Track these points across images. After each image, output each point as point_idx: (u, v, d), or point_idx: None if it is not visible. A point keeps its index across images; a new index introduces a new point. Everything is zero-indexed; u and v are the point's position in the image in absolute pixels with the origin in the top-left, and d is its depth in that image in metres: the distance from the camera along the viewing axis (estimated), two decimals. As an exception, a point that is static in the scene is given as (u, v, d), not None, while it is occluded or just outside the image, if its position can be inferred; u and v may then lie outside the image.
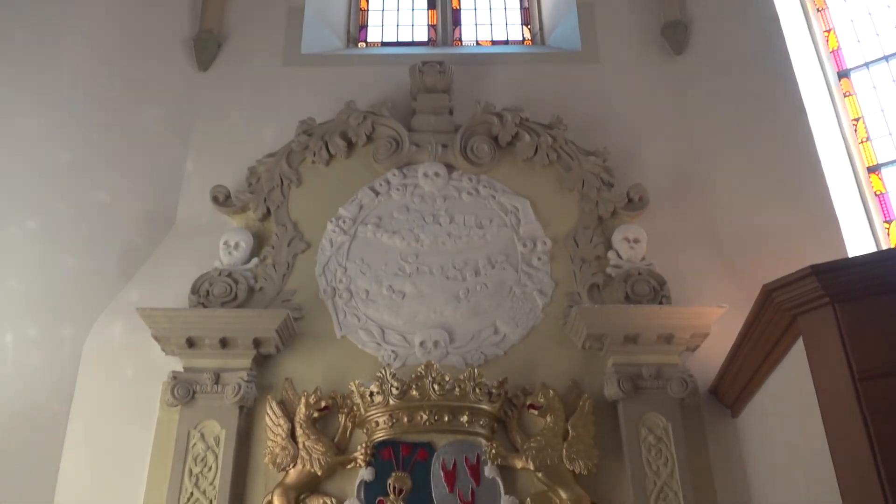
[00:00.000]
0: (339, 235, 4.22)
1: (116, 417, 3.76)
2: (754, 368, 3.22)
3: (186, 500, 3.47)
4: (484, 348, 3.92)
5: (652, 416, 3.66)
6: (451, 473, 3.58)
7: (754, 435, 3.53)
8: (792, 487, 3.03)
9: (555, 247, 4.20)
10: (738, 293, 3.89)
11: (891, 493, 2.28)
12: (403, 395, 3.57)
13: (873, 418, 2.35)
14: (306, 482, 3.52)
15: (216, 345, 3.72)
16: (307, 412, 3.64)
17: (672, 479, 3.53)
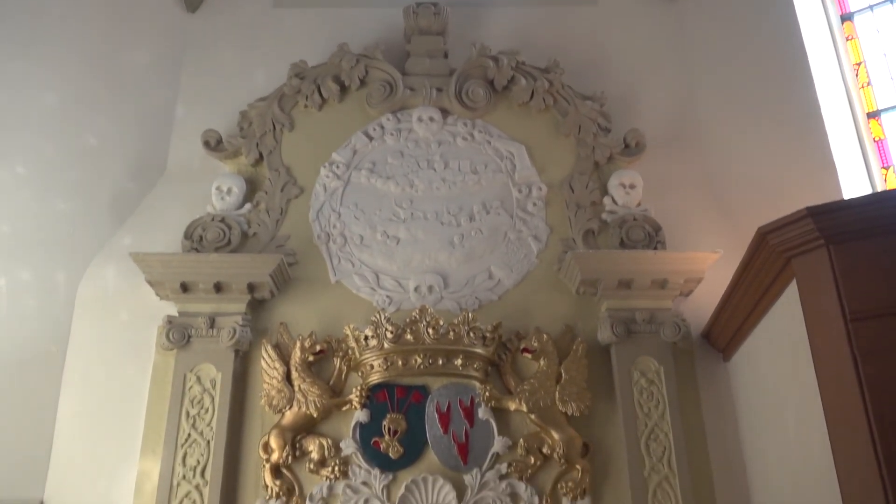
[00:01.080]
0: (332, 181, 4.18)
1: (112, 361, 3.79)
2: (747, 312, 3.24)
3: (184, 441, 3.52)
4: (478, 293, 3.93)
5: (644, 360, 3.70)
6: (445, 415, 3.63)
7: (745, 378, 3.57)
8: (781, 429, 3.08)
9: (550, 192, 4.18)
10: (734, 239, 3.89)
11: (878, 432, 2.32)
12: (398, 339, 3.60)
13: (863, 359, 2.37)
14: (302, 423, 3.57)
15: (210, 289, 3.72)
16: (302, 356, 3.66)
17: (663, 421, 3.59)
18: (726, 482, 3.58)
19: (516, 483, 3.51)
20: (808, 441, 2.75)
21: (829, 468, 2.49)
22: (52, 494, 3.55)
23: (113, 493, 3.54)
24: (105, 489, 3.55)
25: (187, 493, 3.43)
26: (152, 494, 3.45)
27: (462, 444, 3.58)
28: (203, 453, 3.49)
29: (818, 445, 2.61)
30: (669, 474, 3.49)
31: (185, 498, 3.42)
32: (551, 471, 3.55)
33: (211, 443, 3.51)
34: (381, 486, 3.49)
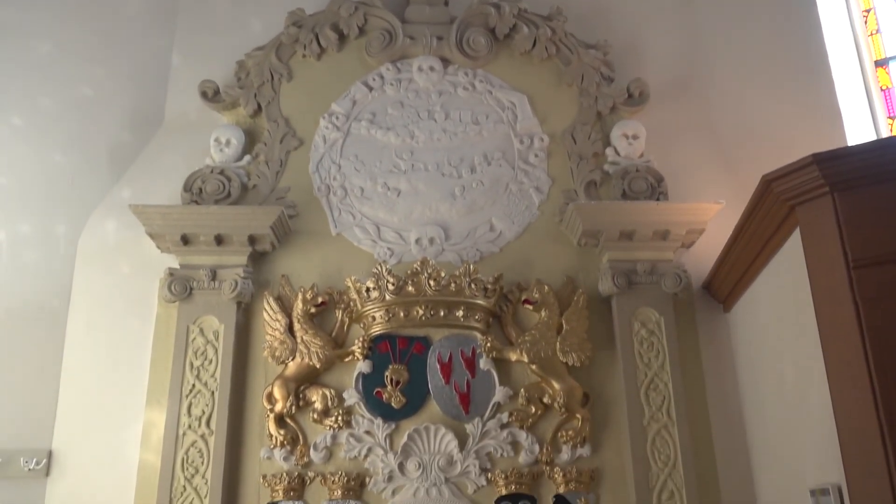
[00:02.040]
0: (332, 132, 4.13)
1: (115, 313, 3.80)
2: (749, 262, 3.24)
3: (189, 392, 3.55)
4: (479, 245, 3.92)
5: (645, 311, 3.72)
6: (447, 366, 3.66)
7: (745, 328, 3.59)
8: (780, 378, 3.11)
9: (552, 143, 4.13)
10: (737, 189, 3.86)
11: (878, 378, 2.33)
12: (399, 290, 3.60)
13: (865, 305, 2.38)
14: (305, 374, 3.60)
15: (211, 242, 3.71)
16: (304, 308, 3.67)
17: (662, 371, 3.62)
18: (724, 431, 3.63)
19: (517, 431, 3.56)
20: (807, 390, 2.78)
21: (828, 416, 2.52)
22: (61, 444, 3.60)
23: (120, 443, 3.59)
24: (112, 439, 3.60)
25: (193, 443, 3.48)
26: (159, 443, 3.50)
27: (464, 393, 3.62)
28: (208, 403, 3.53)
29: (817, 394, 2.64)
30: (668, 423, 3.54)
31: (192, 447, 3.47)
32: (552, 420, 3.59)
33: (215, 393, 3.55)
34: (383, 435, 3.54)
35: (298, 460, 3.51)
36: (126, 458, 3.55)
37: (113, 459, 3.56)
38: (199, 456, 3.45)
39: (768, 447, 3.34)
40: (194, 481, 3.42)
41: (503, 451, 3.54)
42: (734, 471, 3.57)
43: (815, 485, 2.68)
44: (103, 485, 3.52)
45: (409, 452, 3.52)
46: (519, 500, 3.48)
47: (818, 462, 2.70)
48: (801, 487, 2.84)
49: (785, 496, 3.11)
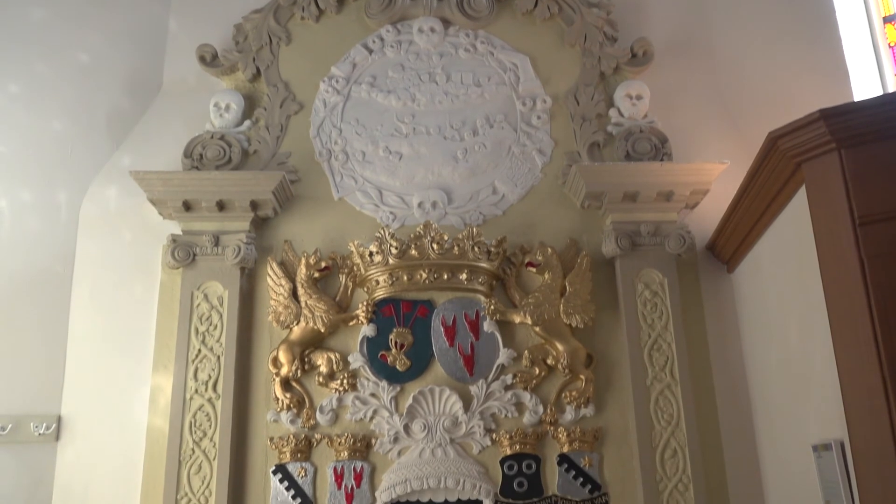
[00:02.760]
0: (332, 96, 4.09)
1: (119, 280, 3.81)
2: (753, 221, 3.22)
3: (195, 357, 3.58)
4: (482, 208, 3.90)
5: (648, 272, 3.71)
6: (450, 329, 3.67)
7: (749, 289, 3.59)
8: (784, 337, 3.12)
9: (555, 105, 4.09)
10: (742, 149, 3.84)
11: (882, 335, 2.33)
12: (403, 254, 3.60)
13: (870, 263, 2.37)
14: (310, 338, 3.62)
15: (213, 207, 3.70)
16: (308, 272, 3.68)
17: (666, 332, 3.63)
18: (727, 390, 3.66)
19: (521, 393, 3.59)
20: (811, 347, 2.78)
21: (832, 373, 2.52)
22: (70, 409, 3.64)
23: (128, 408, 3.63)
24: (120, 403, 3.63)
25: (200, 406, 3.51)
26: (166, 408, 3.54)
27: (468, 356, 3.64)
28: (214, 368, 3.56)
29: (820, 351, 2.65)
30: (672, 383, 3.56)
31: (199, 411, 3.51)
32: (555, 381, 3.62)
33: (221, 358, 3.57)
34: (389, 398, 3.57)
35: (305, 423, 3.54)
36: (134, 423, 3.59)
37: (121, 424, 3.60)
38: (206, 419, 3.49)
39: (771, 405, 3.36)
40: (202, 444, 3.46)
41: (507, 412, 3.57)
42: (736, 429, 3.60)
43: (818, 440, 2.70)
44: (113, 449, 3.57)
45: (415, 414, 3.56)
46: (523, 459, 3.53)
47: (821, 418, 2.72)
48: (803, 443, 2.86)
49: (787, 452, 3.14)
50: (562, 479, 3.51)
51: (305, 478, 3.49)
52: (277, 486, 3.48)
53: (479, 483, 3.47)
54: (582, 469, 3.52)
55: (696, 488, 3.41)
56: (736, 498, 3.51)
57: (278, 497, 3.47)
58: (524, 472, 3.51)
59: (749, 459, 3.57)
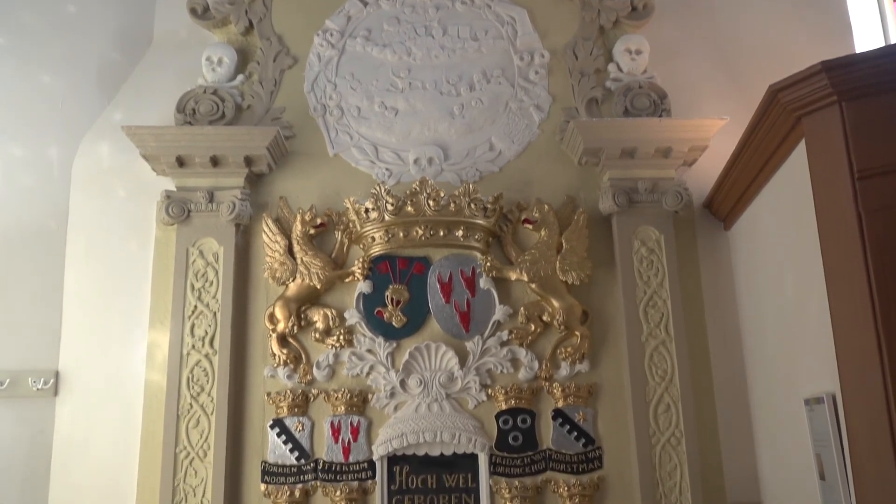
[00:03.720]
0: (326, 50, 4.02)
1: (114, 236, 3.79)
2: (752, 177, 3.20)
3: (191, 313, 3.58)
4: (479, 165, 3.87)
5: (645, 229, 3.71)
6: (447, 285, 3.67)
7: (745, 246, 3.59)
8: (779, 293, 3.12)
9: (553, 59, 4.02)
10: (742, 106, 3.78)
11: (877, 290, 2.33)
12: (399, 211, 3.58)
13: (868, 217, 2.35)
14: (306, 295, 3.62)
15: (207, 163, 3.65)
16: (303, 229, 3.66)
17: (661, 288, 3.64)
18: (721, 346, 3.69)
19: (517, 349, 3.61)
20: (806, 302, 2.79)
21: (826, 328, 2.53)
22: (67, 365, 3.65)
23: (125, 363, 3.64)
24: (118, 359, 3.65)
25: (198, 362, 3.53)
26: (164, 363, 3.55)
27: (464, 312, 3.65)
28: (210, 324, 3.56)
29: (816, 306, 2.65)
30: (666, 339, 3.58)
31: (196, 366, 3.52)
32: (551, 337, 3.64)
33: (217, 314, 3.58)
34: (385, 354, 3.59)
35: (302, 378, 3.57)
36: (132, 378, 3.61)
37: (119, 379, 3.63)
38: (203, 375, 3.51)
39: (764, 360, 3.39)
40: (200, 399, 3.48)
41: (503, 368, 3.60)
42: (730, 384, 3.64)
43: (810, 394, 2.73)
44: (111, 403, 3.60)
45: (411, 370, 3.58)
46: (518, 414, 3.57)
47: (813, 373, 2.74)
48: (795, 398, 2.89)
49: (779, 407, 3.18)
50: (556, 433, 3.56)
51: (303, 432, 3.52)
52: (275, 440, 3.52)
53: (475, 437, 3.51)
54: (576, 423, 3.56)
55: (688, 442, 3.46)
56: (727, 451, 3.56)
57: (276, 451, 3.51)
58: (519, 427, 3.56)
59: (741, 414, 3.62)
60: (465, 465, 3.53)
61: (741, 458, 3.56)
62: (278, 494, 3.45)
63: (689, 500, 3.41)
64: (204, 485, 3.40)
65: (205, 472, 3.41)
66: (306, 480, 3.49)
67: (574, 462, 3.53)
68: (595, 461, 3.54)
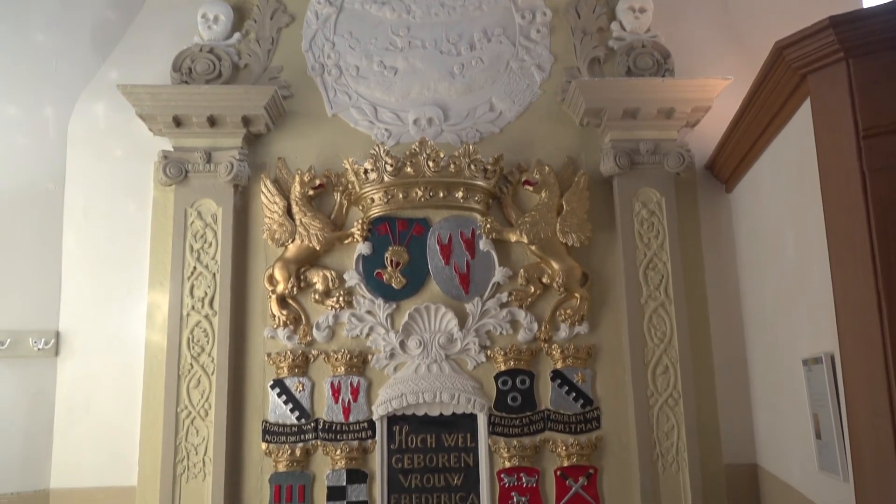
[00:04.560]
0: (324, 7, 3.94)
1: (112, 197, 3.77)
2: (755, 138, 3.16)
3: (190, 274, 3.58)
4: (479, 125, 3.83)
5: (646, 191, 3.68)
6: (446, 247, 3.66)
7: (747, 208, 3.56)
8: (780, 255, 3.11)
9: (555, 18, 3.95)
10: (746, 66, 3.73)
11: (879, 249, 2.31)
12: (398, 171, 3.55)
13: (872, 176, 2.33)
14: (305, 256, 3.61)
15: (204, 123, 3.61)
16: (302, 190, 3.63)
17: (662, 251, 3.63)
18: (720, 308, 3.69)
19: (516, 311, 3.61)
20: (807, 263, 2.78)
21: (826, 288, 2.52)
22: (68, 325, 3.66)
23: (126, 324, 3.66)
24: (118, 319, 3.66)
25: (198, 323, 3.53)
26: (164, 324, 3.56)
27: (463, 274, 3.64)
28: (210, 285, 3.56)
29: (816, 266, 2.64)
30: (666, 301, 3.58)
31: (196, 327, 3.53)
32: (550, 299, 3.64)
33: (217, 275, 3.57)
34: (384, 315, 3.60)
35: (301, 339, 3.58)
36: (132, 339, 3.63)
37: (120, 340, 3.64)
38: (203, 335, 3.52)
39: (763, 322, 3.39)
40: (201, 359, 3.50)
41: (502, 330, 3.60)
42: (728, 345, 3.66)
43: (809, 355, 2.74)
44: (112, 363, 3.62)
45: (410, 331, 3.59)
46: (517, 375, 3.59)
47: (812, 334, 2.74)
48: (793, 358, 2.90)
49: (777, 367, 3.19)
50: (555, 394, 3.58)
51: (303, 392, 3.55)
52: (276, 400, 3.55)
53: (474, 397, 3.53)
54: (575, 384, 3.58)
55: (685, 403, 3.49)
56: (724, 412, 3.59)
57: (276, 410, 3.54)
58: (518, 388, 3.58)
59: (739, 375, 3.64)
60: (464, 425, 3.56)
61: (738, 419, 3.59)
62: (279, 453, 3.49)
63: (685, 460, 3.44)
64: (205, 443, 3.43)
65: (206, 431, 3.44)
66: (307, 440, 3.52)
67: (572, 422, 3.56)
68: (593, 421, 3.56)
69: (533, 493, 3.49)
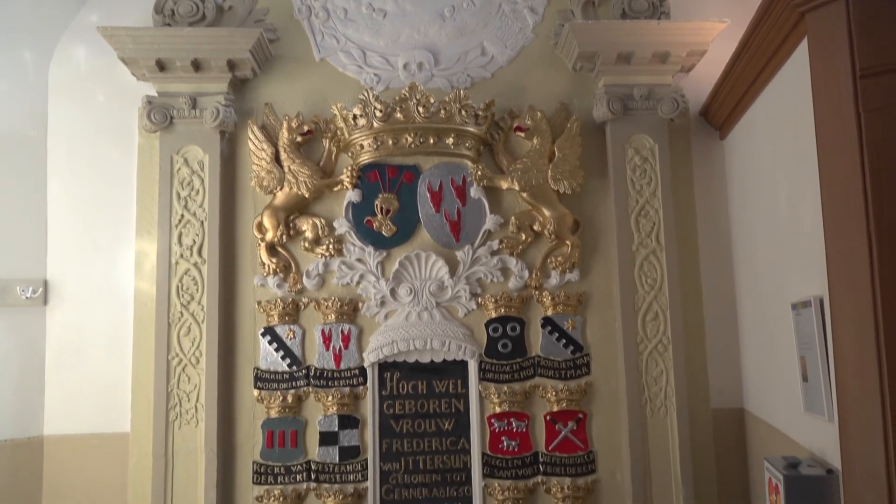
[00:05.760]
0: (311, -54, 3.82)
1: (96, 144, 3.70)
2: (750, 81, 3.11)
3: (178, 222, 3.54)
4: (470, 70, 3.75)
5: (639, 138, 3.64)
6: (437, 194, 3.63)
7: (740, 154, 3.53)
8: (772, 201, 3.09)
9: (549, -42, 3.85)
10: (742, 10, 3.60)
11: (872, 191, 2.29)
12: (387, 117, 3.49)
13: (867, 117, 2.29)
14: (294, 204, 3.57)
15: (188, 67, 3.52)
16: (290, 137, 3.57)
17: (654, 198, 3.61)
18: (711, 255, 3.69)
19: (507, 258, 3.60)
20: (799, 208, 2.76)
21: (818, 232, 2.51)
22: (55, 273, 3.63)
23: (114, 272, 3.63)
24: (106, 268, 3.63)
25: (186, 271, 3.51)
26: (152, 272, 3.54)
27: (454, 222, 3.62)
28: (198, 233, 3.53)
29: (808, 213, 2.62)
30: (657, 248, 3.57)
31: (185, 275, 3.51)
32: (542, 246, 3.63)
33: (205, 223, 3.53)
34: (375, 263, 3.58)
35: (292, 287, 3.56)
36: (121, 287, 3.61)
37: (109, 288, 3.62)
38: (193, 284, 3.50)
39: (754, 268, 3.40)
40: (190, 307, 3.49)
41: (493, 277, 3.60)
42: (718, 292, 3.67)
43: (798, 299, 2.74)
44: (102, 312, 3.60)
45: (401, 279, 3.58)
46: (508, 322, 3.59)
47: (802, 278, 2.75)
48: (783, 303, 2.91)
49: (766, 312, 3.21)
50: (545, 340, 3.60)
51: (294, 339, 3.55)
52: (267, 348, 3.55)
53: (464, 344, 3.55)
54: (565, 331, 3.60)
55: (675, 349, 3.51)
56: (713, 358, 3.62)
57: (268, 358, 3.55)
58: (508, 335, 3.59)
59: (728, 322, 3.66)
60: (455, 371, 3.58)
61: (726, 365, 3.63)
62: (271, 399, 3.51)
63: (673, 405, 3.48)
64: (197, 390, 3.45)
65: (198, 379, 3.45)
66: (298, 386, 3.54)
67: (562, 368, 3.58)
68: (583, 367, 3.59)
69: (523, 437, 3.53)
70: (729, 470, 3.54)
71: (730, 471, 3.54)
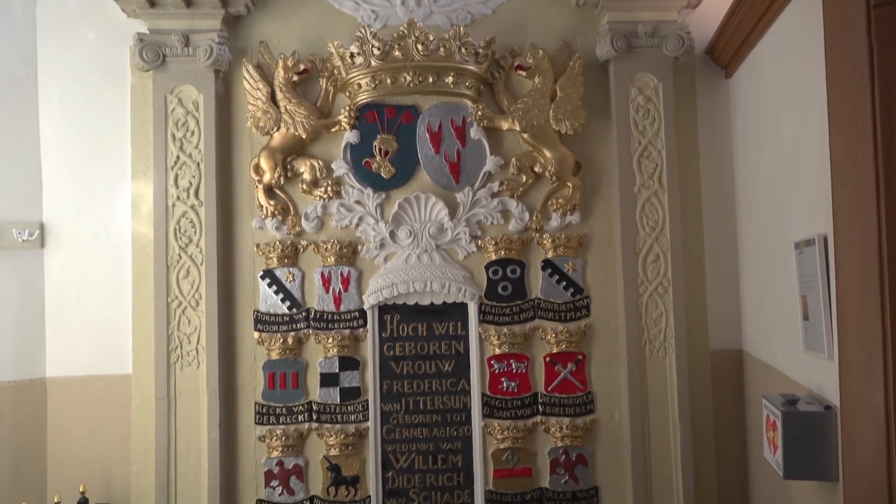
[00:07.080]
0: None
1: (87, 84, 3.62)
2: (759, 15, 3.02)
3: (174, 164, 3.49)
4: (470, 7, 3.65)
5: (643, 77, 3.56)
6: (436, 135, 3.57)
7: (746, 92, 3.46)
8: (777, 140, 3.03)
9: None
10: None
11: (882, 126, 2.23)
12: (385, 55, 3.40)
13: (880, 48, 2.21)
14: (291, 145, 3.52)
15: (180, 3, 3.42)
16: (286, 76, 3.49)
17: (657, 139, 3.55)
18: (714, 196, 3.65)
19: (507, 200, 3.57)
20: (805, 147, 2.71)
21: (824, 168, 2.46)
22: (51, 216, 3.60)
23: (111, 214, 3.60)
24: (102, 210, 3.60)
25: (184, 213, 3.48)
26: (149, 214, 3.51)
27: (454, 163, 3.57)
28: (195, 175, 3.48)
29: (814, 150, 2.57)
30: (659, 190, 3.54)
31: (183, 217, 3.48)
32: (542, 188, 3.59)
33: (201, 165, 3.49)
34: (374, 205, 3.54)
35: (290, 230, 3.54)
36: (118, 229, 3.58)
37: (106, 231, 3.60)
38: (190, 226, 3.47)
39: (756, 209, 3.36)
40: (189, 250, 3.46)
41: (493, 219, 3.57)
42: (719, 232, 3.64)
43: (801, 237, 2.71)
44: (100, 255, 3.59)
45: (400, 221, 3.55)
46: (508, 265, 3.58)
47: (806, 217, 2.71)
48: (785, 242, 2.88)
49: (768, 251, 3.18)
50: (545, 283, 3.59)
51: (293, 282, 3.54)
52: (266, 290, 3.54)
53: (464, 287, 3.54)
54: (565, 273, 3.58)
55: (675, 291, 3.51)
56: (713, 300, 3.62)
57: (267, 300, 3.55)
58: (508, 277, 3.58)
59: (730, 264, 3.64)
60: (455, 313, 3.58)
61: (726, 307, 3.63)
62: (272, 342, 3.52)
63: (672, 346, 3.50)
64: (198, 332, 3.45)
65: (198, 321, 3.45)
66: (298, 329, 3.54)
67: (562, 311, 3.58)
68: (583, 309, 3.59)
69: (522, 378, 3.56)
70: (726, 409, 3.58)
71: (727, 410, 3.58)
